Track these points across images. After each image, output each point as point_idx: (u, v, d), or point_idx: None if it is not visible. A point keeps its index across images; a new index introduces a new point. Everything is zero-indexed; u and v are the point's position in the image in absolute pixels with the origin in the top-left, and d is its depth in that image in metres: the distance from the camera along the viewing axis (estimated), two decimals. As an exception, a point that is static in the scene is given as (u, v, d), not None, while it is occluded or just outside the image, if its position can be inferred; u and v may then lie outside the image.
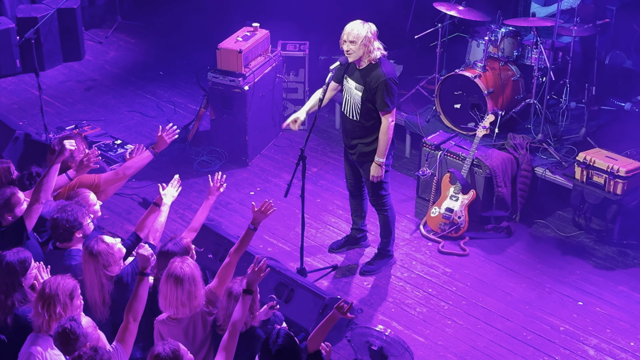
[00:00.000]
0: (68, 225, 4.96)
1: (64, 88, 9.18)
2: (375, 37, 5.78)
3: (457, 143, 7.14)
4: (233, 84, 7.54)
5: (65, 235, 4.98)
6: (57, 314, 4.30)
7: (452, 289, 6.30)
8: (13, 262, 4.54)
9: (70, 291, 4.38)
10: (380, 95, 5.78)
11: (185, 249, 4.95)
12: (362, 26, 5.76)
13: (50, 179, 5.10)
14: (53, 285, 4.34)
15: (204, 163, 7.78)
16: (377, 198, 6.19)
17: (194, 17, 10.26)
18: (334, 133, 8.40)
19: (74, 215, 5.00)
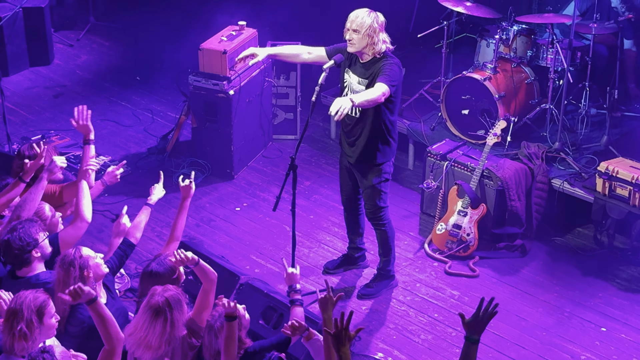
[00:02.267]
0: (21, 244, 4.86)
1: (30, 95, 9.16)
2: (382, 29, 5.77)
3: (465, 152, 7.12)
4: (217, 88, 7.52)
5: (21, 258, 4.89)
6: (19, 332, 4.15)
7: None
8: None
9: (37, 307, 4.23)
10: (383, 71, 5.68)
11: (171, 268, 4.90)
12: (367, 15, 5.75)
13: (35, 198, 5.13)
14: (19, 300, 4.24)
15: (185, 176, 7.72)
16: (374, 210, 6.15)
17: (175, 17, 10.28)
18: (330, 143, 8.38)
19: (27, 232, 4.89)
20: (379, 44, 5.76)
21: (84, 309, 4.71)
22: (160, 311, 4.43)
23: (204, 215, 7.31)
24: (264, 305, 5.70)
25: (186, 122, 8.05)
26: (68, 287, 4.68)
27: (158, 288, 4.56)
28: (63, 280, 4.72)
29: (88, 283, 4.75)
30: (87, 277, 4.76)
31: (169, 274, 4.88)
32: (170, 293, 4.52)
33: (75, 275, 4.73)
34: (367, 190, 6.14)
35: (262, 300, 5.71)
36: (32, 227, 4.95)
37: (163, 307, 4.44)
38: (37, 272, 4.97)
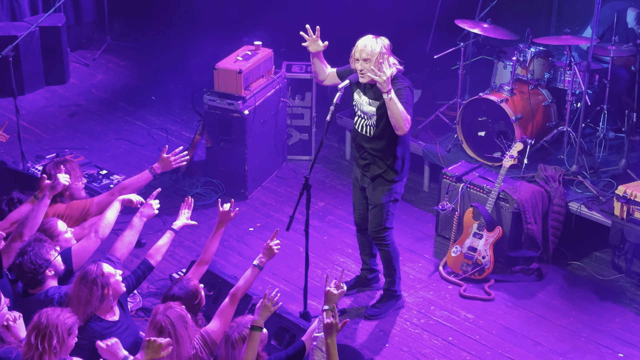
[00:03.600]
0: (34, 267, 4.91)
1: (45, 113, 9.27)
2: (389, 52, 5.81)
3: (482, 174, 7.12)
4: (232, 108, 7.58)
5: (35, 279, 4.95)
6: (52, 348, 4.29)
7: (475, 337, 6.22)
8: None
9: (69, 326, 4.39)
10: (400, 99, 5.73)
11: (193, 293, 4.95)
12: (375, 42, 5.78)
13: (39, 215, 5.13)
14: (52, 315, 4.36)
15: (199, 196, 7.79)
16: (378, 231, 6.15)
17: (190, 38, 10.38)
18: (344, 164, 8.41)
19: (38, 254, 4.94)
20: (390, 69, 5.77)
21: (97, 325, 4.75)
22: (164, 329, 4.48)
23: (217, 235, 7.33)
24: (276, 325, 5.71)
25: (201, 141, 8.12)
26: (91, 305, 4.73)
27: (161, 306, 4.61)
28: (85, 298, 4.75)
29: (106, 301, 4.80)
30: (106, 295, 4.80)
31: (191, 299, 4.93)
32: (173, 310, 4.57)
33: (98, 294, 4.76)
34: (375, 209, 6.14)
35: (274, 321, 5.71)
36: (42, 247, 4.99)
37: (165, 326, 4.50)
38: (47, 289, 5.01)
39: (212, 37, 9.95)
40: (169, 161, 5.77)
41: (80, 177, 5.76)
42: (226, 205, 5.44)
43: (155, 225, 7.41)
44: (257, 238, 7.33)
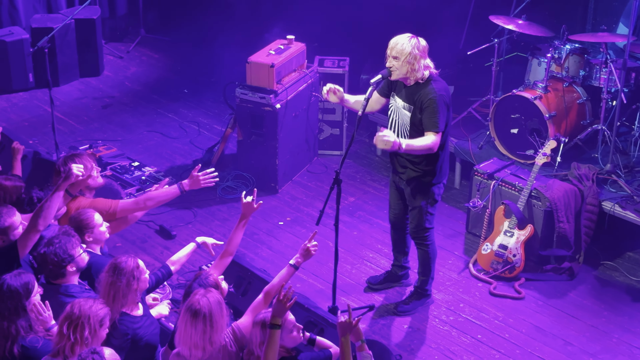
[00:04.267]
0: (57, 260, 4.90)
1: (79, 105, 9.36)
2: (424, 54, 5.73)
3: (513, 172, 7.07)
4: (263, 102, 7.60)
5: (56, 271, 4.95)
6: (84, 339, 4.33)
7: (505, 336, 6.19)
8: (15, 285, 4.56)
9: (101, 318, 4.42)
10: (429, 113, 5.72)
11: (213, 287, 4.94)
12: (408, 41, 5.72)
13: (53, 206, 5.08)
14: (84, 306, 4.38)
15: (229, 189, 7.82)
16: (418, 230, 6.14)
17: (224, 31, 10.41)
18: (375, 160, 8.39)
19: (63, 248, 4.93)
20: (420, 71, 5.72)
21: (127, 321, 4.77)
22: (199, 312, 4.49)
23: (246, 228, 7.21)
24: (304, 319, 5.71)
25: (232, 135, 8.14)
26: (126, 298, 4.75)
27: (200, 290, 4.62)
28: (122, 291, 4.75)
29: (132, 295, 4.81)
30: (136, 290, 4.82)
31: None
32: (212, 294, 4.59)
33: (134, 287, 4.80)
34: (415, 211, 6.13)
35: (303, 315, 5.72)
36: (69, 242, 4.97)
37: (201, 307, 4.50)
38: (68, 284, 5.02)
39: (245, 31, 9.98)
40: (198, 180, 5.78)
41: (93, 168, 5.75)
42: (249, 198, 5.44)
43: (186, 217, 7.46)
44: (287, 232, 7.34)
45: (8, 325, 4.54)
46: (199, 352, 4.53)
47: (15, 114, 9.15)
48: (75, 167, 5.19)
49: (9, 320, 4.55)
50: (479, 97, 8.10)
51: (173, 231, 7.24)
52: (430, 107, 5.71)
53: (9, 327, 4.54)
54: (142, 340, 4.85)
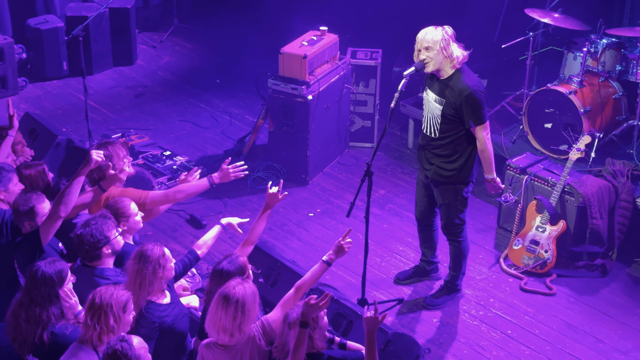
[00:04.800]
0: (93, 240, 4.95)
1: (112, 94, 9.42)
2: (453, 39, 5.74)
3: (547, 167, 7.00)
4: (295, 93, 7.59)
5: (92, 252, 4.99)
6: (109, 327, 4.35)
7: (535, 332, 6.14)
8: (49, 272, 4.60)
9: (124, 303, 4.43)
10: (471, 109, 5.70)
11: (241, 268, 4.94)
12: (435, 30, 5.72)
13: (73, 192, 5.09)
14: (105, 294, 4.40)
15: (259, 180, 7.83)
16: (450, 227, 6.11)
17: (257, 21, 10.42)
18: (406, 153, 8.36)
19: (99, 229, 4.97)
20: (455, 55, 5.71)
21: (153, 309, 4.79)
22: (233, 297, 4.50)
23: (276, 219, 7.37)
24: (333, 311, 5.71)
25: (263, 125, 8.15)
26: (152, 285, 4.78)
27: (237, 278, 4.65)
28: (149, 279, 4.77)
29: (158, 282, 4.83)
30: (161, 279, 4.84)
31: (239, 273, 4.93)
32: (248, 284, 4.61)
33: (160, 275, 4.81)
34: (444, 208, 6.09)
35: (332, 307, 5.71)
36: (105, 224, 5.02)
37: (236, 293, 4.51)
38: (104, 267, 5.06)
39: (278, 21, 9.98)
40: (228, 173, 5.78)
41: (125, 156, 5.75)
42: (274, 188, 5.44)
43: (216, 207, 7.49)
44: (317, 224, 7.34)
45: (40, 312, 4.58)
46: (226, 337, 4.54)
47: (49, 101, 9.23)
48: (95, 153, 5.15)
49: (41, 307, 4.59)
50: (512, 91, 8.03)
51: (203, 221, 7.27)
52: (471, 103, 5.70)
53: (40, 314, 4.58)
54: (170, 327, 4.87)
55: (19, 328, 4.56)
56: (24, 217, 5.21)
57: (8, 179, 5.45)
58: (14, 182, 5.49)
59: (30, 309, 4.56)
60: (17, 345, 4.60)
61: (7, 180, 5.44)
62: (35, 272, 4.61)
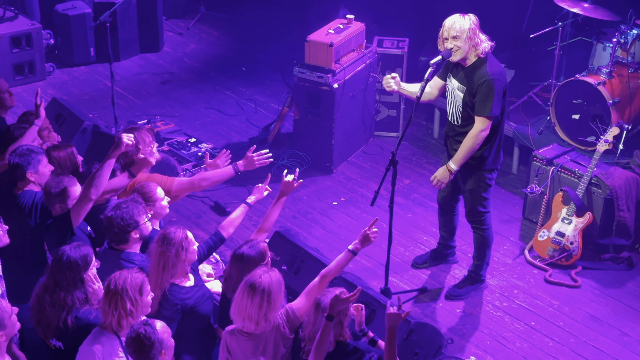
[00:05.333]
0: (123, 224, 4.97)
1: (138, 80, 9.45)
2: (479, 29, 5.71)
3: (574, 158, 6.94)
4: (321, 81, 7.57)
5: (121, 236, 5.02)
6: (127, 311, 4.36)
7: (559, 324, 6.10)
8: (74, 256, 4.63)
9: (139, 285, 4.43)
10: (482, 96, 5.68)
11: (261, 253, 4.94)
12: (462, 18, 5.70)
13: (104, 175, 5.13)
14: (120, 279, 4.40)
15: (284, 168, 7.81)
16: (474, 214, 6.08)
17: (283, 9, 10.40)
18: (431, 143, 8.32)
19: (129, 213, 4.98)
20: (481, 44, 5.69)
21: (176, 292, 4.81)
22: (259, 286, 4.50)
23: (300, 208, 7.37)
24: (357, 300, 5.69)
25: (289, 113, 8.14)
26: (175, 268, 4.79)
27: (263, 267, 4.65)
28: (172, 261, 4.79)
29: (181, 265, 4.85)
30: (184, 261, 4.86)
31: (259, 259, 4.92)
32: (274, 273, 4.61)
33: (183, 258, 4.83)
34: (467, 194, 6.07)
35: (355, 295, 5.71)
36: (136, 208, 5.04)
37: (261, 282, 4.51)
38: (130, 251, 5.08)
39: (304, 9, 9.95)
40: (253, 160, 5.79)
41: (151, 142, 5.77)
42: (289, 176, 5.43)
43: (241, 194, 7.50)
44: (341, 212, 7.33)
45: (65, 296, 4.60)
46: (252, 325, 4.55)
47: (76, 87, 9.29)
48: (125, 136, 5.19)
49: (66, 291, 4.61)
50: (540, 81, 7.96)
51: (228, 207, 7.29)
52: (484, 90, 5.68)
53: (65, 298, 4.60)
54: (193, 310, 4.88)
55: (43, 312, 4.59)
56: (55, 200, 5.25)
57: (37, 161, 5.50)
58: (43, 163, 5.53)
59: (55, 293, 4.58)
60: (41, 329, 4.63)
61: (36, 162, 5.49)
62: (61, 257, 4.63)
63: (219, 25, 10.65)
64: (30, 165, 5.46)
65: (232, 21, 10.68)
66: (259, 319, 4.54)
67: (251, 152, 5.78)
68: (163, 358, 4.20)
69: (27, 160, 5.45)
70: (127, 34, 9.73)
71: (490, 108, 5.68)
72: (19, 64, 9.14)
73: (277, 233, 6.23)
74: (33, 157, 5.48)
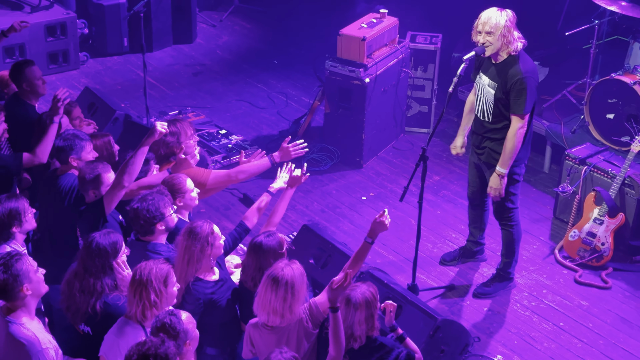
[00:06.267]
0: (149, 216, 4.99)
1: (170, 71, 9.49)
2: (514, 26, 5.65)
3: (607, 158, 6.86)
4: (353, 75, 7.55)
5: (146, 227, 5.04)
6: (151, 302, 4.38)
7: (589, 325, 6.03)
8: (104, 243, 4.66)
9: (164, 277, 4.43)
10: (516, 94, 5.65)
11: (279, 243, 4.93)
12: (499, 14, 5.65)
13: (137, 162, 5.16)
14: (145, 270, 4.42)
15: (314, 161, 7.82)
16: (502, 211, 6.03)
17: (316, 3, 10.38)
18: (463, 139, 8.25)
19: (155, 205, 5.00)
20: (514, 42, 5.65)
21: (200, 286, 4.82)
22: (282, 279, 4.50)
23: (329, 202, 7.36)
24: (383, 295, 5.66)
25: (319, 107, 8.13)
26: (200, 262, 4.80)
27: (284, 260, 4.65)
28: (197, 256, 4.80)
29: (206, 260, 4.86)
30: (209, 256, 4.86)
31: (276, 248, 4.91)
32: (297, 265, 4.60)
33: (208, 253, 4.84)
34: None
35: (382, 291, 5.68)
36: (162, 200, 5.06)
37: (284, 275, 4.51)
38: (156, 242, 5.10)
39: (338, 3, 9.93)
40: (288, 151, 5.79)
41: (192, 135, 5.78)
42: (297, 171, 5.43)
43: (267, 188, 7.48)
44: (370, 207, 7.31)
45: (94, 282, 4.63)
46: (277, 319, 4.55)
47: (109, 77, 9.35)
48: (159, 124, 5.22)
49: (95, 277, 4.64)
50: (574, 80, 7.87)
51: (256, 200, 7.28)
52: (517, 88, 5.64)
53: (94, 284, 4.63)
54: (217, 304, 4.89)
55: (73, 297, 4.63)
56: (89, 185, 5.29)
57: (81, 147, 5.54)
58: (87, 150, 5.58)
59: (85, 279, 4.62)
60: (70, 314, 4.67)
61: (80, 149, 5.54)
62: (90, 243, 4.67)
63: (252, 17, 10.67)
64: (73, 150, 5.52)
65: (265, 14, 10.69)
66: (283, 312, 4.54)
67: (286, 142, 5.78)
68: (187, 348, 4.20)
69: (70, 145, 5.51)
70: (161, 24, 9.78)
71: (524, 106, 5.66)
72: (53, 53, 9.22)
73: (305, 226, 6.23)
74: (77, 142, 5.53)
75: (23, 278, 4.27)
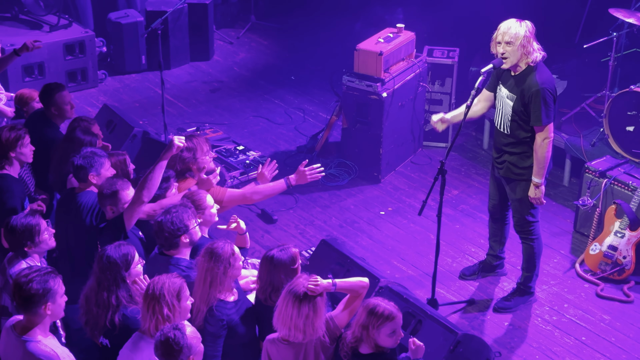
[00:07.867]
0: (173, 228, 5.00)
1: (188, 88, 9.54)
2: (534, 37, 5.64)
3: (627, 171, 6.81)
4: (370, 90, 7.55)
5: (171, 240, 5.05)
6: (164, 316, 4.37)
7: (611, 340, 5.97)
8: (114, 256, 4.67)
9: (177, 291, 4.43)
10: (534, 107, 5.63)
11: (291, 259, 4.92)
12: (519, 25, 5.64)
13: (156, 177, 5.19)
14: (157, 285, 4.41)
15: (332, 177, 7.82)
16: (523, 224, 5.99)
17: (333, 19, 10.42)
18: (481, 154, 8.24)
19: (179, 217, 5.02)
20: (533, 53, 5.64)
21: (222, 307, 4.80)
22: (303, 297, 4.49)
23: (347, 217, 7.35)
24: (402, 310, 5.62)
25: (337, 122, 8.14)
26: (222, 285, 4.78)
27: (304, 275, 4.62)
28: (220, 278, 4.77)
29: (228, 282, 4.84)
30: (231, 277, 4.85)
31: (290, 263, 4.89)
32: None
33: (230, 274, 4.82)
34: (516, 203, 6.00)
35: (401, 305, 5.61)
36: (186, 212, 5.07)
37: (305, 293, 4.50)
38: (180, 257, 5.11)
39: (354, 19, 9.96)
40: (305, 175, 5.84)
41: (208, 151, 5.82)
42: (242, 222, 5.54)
43: (287, 202, 7.50)
44: (388, 222, 7.29)
45: (108, 296, 4.63)
46: (300, 335, 4.52)
47: (127, 94, 9.41)
48: (177, 139, 5.26)
49: (108, 291, 4.64)
50: (593, 92, 7.83)
51: (274, 216, 7.29)
52: (537, 100, 5.62)
53: (109, 298, 4.63)
54: (238, 324, 4.87)
55: (90, 312, 4.64)
56: (107, 201, 5.32)
57: (100, 164, 5.57)
58: (105, 167, 5.61)
59: (99, 293, 4.63)
60: (89, 329, 4.68)
61: (99, 165, 5.56)
62: (101, 257, 4.68)
63: (269, 34, 10.71)
64: (93, 168, 5.54)
65: (281, 31, 10.73)
66: (305, 328, 4.52)
67: (303, 166, 5.81)
68: None
69: (90, 163, 5.54)
70: (178, 42, 9.84)
71: (543, 117, 5.64)
72: (72, 71, 9.29)
73: (323, 241, 6.21)
74: (96, 160, 5.57)
75: (50, 297, 4.30)
